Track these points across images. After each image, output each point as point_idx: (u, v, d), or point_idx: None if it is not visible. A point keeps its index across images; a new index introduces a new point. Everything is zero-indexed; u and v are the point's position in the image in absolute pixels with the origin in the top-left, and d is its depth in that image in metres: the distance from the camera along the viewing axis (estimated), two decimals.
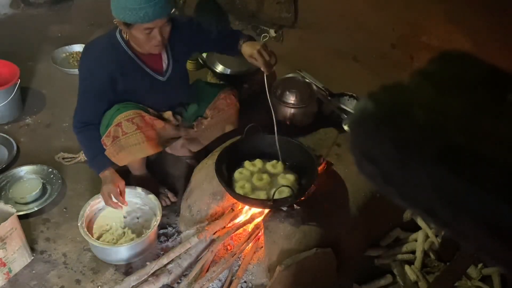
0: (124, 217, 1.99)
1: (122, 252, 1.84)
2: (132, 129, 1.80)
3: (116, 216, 1.99)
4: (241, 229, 1.89)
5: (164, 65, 1.91)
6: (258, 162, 1.93)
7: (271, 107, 1.72)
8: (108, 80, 1.80)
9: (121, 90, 1.86)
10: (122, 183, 1.87)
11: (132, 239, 1.87)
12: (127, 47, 1.81)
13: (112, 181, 1.85)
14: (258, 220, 1.88)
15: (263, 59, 1.70)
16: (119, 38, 1.80)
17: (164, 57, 1.90)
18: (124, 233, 1.93)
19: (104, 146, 1.84)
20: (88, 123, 1.86)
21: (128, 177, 2.19)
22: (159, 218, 1.88)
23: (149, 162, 2.17)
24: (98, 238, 1.88)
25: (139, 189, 2.01)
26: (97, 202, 1.96)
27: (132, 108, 1.84)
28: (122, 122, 1.79)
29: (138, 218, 1.99)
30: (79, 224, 1.83)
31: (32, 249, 1.90)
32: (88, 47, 1.86)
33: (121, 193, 1.88)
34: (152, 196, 1.97)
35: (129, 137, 1.80)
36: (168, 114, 2.01)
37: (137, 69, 1.85)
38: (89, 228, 1.91)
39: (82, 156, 2.32)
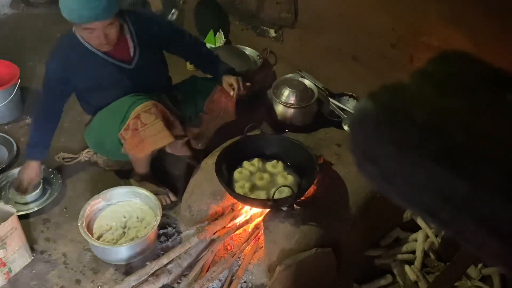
0: (124, 217, 1.99)
1: (122, 252, 1.84)
2: (151, 119, 1.81)
3: (116, 216, 1.99)
4: (241, 229, 1.89)
5: (131, 53, 1.93)
6: (256, 162, 1.93)
7: None
8: (60, 80, 1.89)
9: (83, 86, 1.92)
10: (37, 179, 2.05)
11: (132, 239, 1.87)
12: (86, 42, 1.84)
13: (33, 173, 2.01)
14: (258, 220, 1.88)
15: (237, 90, 2.01)
16: (78, 35, 1.83)
17: (130, 44, 1.92)
18: (124, 233, 1.93)
19: (122, 140, 1.84)
20: (49, 104, 1.96)
21: (129, 176, 2.20)
22: (159, 218, 1.88)
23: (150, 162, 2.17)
24: (98, 238, 1.88)
25: (139, 189, 2.01)
26: (97, 202, 1.96)
27: (147, 99, 1.86)
28: (141, 114, 1.80)
29: (138, 218, 1.99)
30: (79, 224, 1.83)
31: (32, 249, 1.90)
32: (51, 50, 1.92)
33: (28, 188, 2.04)
34: (152, 196, 1.97)
35: (149, 128, 1.81)
36: (165, 99, 2.04)
37: (99, 62, 1.88)
38: (89, 228, 1.91)
39: (82, 156, 2.32)
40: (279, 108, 2.27)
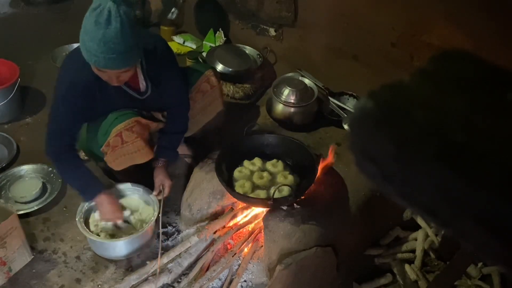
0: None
1: (121, 247, 1.84)
2: (132, 137, 1.78)
3: None
4: (241, 228, 1.88)
5: (142, 87, 1.82)
6: (257, 161, 1.93)
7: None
8: (88, 96, 1.72)
9: (99, 107, 1.79)
10: (117, 205, 1.90)
11: (132, 233, 1.87)
12: None
13: (111, 206, 1.86)
14: (258, 219, 1.88)
15: (164, 194, 1.97)
16: None
17: (141, 79, 1.80)
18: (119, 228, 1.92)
19: (104, 153, 1.82)
20: (65, 147, 1.79)
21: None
22: (156, 213, 1.87)
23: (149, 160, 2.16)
24: (96, 234, 1.87)
25: (136, 185, 2.01)
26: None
27: (131, 116, 1.79)
28: (122, 132, 1.77)
29: (134, 213, 1.98)
30: (77, 219, 1.82)
31: (32, 248, 1.90)
32: (68, 60, 1.76)
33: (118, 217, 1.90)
34: (149, 192, 1.97)
35: (128, 145, 1.79)
36: (157, 114, 1.99)
37: (112, 88, 1.73)
38: (86, 224, 1.89)
39: (81, 155, 2.31)
40: (279, 107, 2.27)
